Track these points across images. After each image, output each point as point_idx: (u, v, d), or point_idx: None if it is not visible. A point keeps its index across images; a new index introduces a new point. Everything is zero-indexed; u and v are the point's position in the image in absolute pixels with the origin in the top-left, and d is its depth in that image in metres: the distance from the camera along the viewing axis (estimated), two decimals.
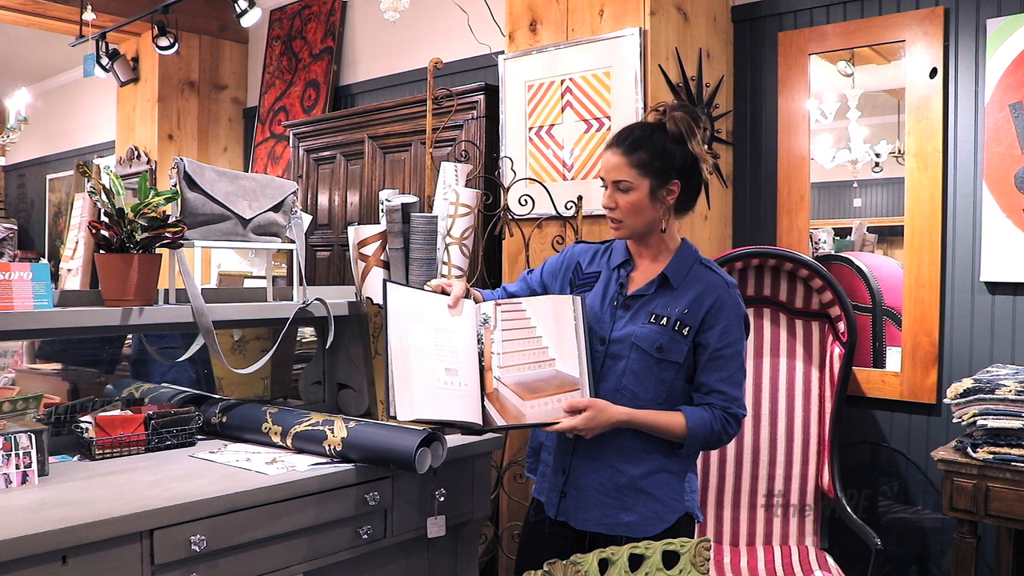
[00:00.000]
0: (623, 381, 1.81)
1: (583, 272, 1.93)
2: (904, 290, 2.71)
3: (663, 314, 1.80)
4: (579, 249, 1.99)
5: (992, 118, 2.54)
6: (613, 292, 1.87)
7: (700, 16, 2.89)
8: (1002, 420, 2.12)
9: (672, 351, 1.79)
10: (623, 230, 1.83)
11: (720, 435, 1.79)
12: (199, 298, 2.05)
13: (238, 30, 5.18)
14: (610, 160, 1.81)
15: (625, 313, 1.84)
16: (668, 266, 1.84)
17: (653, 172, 1.78)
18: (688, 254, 1.87)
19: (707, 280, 1.83)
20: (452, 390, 1.78)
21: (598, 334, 1.84)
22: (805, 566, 2.44)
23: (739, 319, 1.83)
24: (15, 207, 7.99)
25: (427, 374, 1.77)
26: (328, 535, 1.88)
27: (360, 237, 2.42)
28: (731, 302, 1.81)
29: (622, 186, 1.79)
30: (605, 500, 1.80)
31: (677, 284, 1.83)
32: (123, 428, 1.98)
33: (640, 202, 1.79)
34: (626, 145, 1.79)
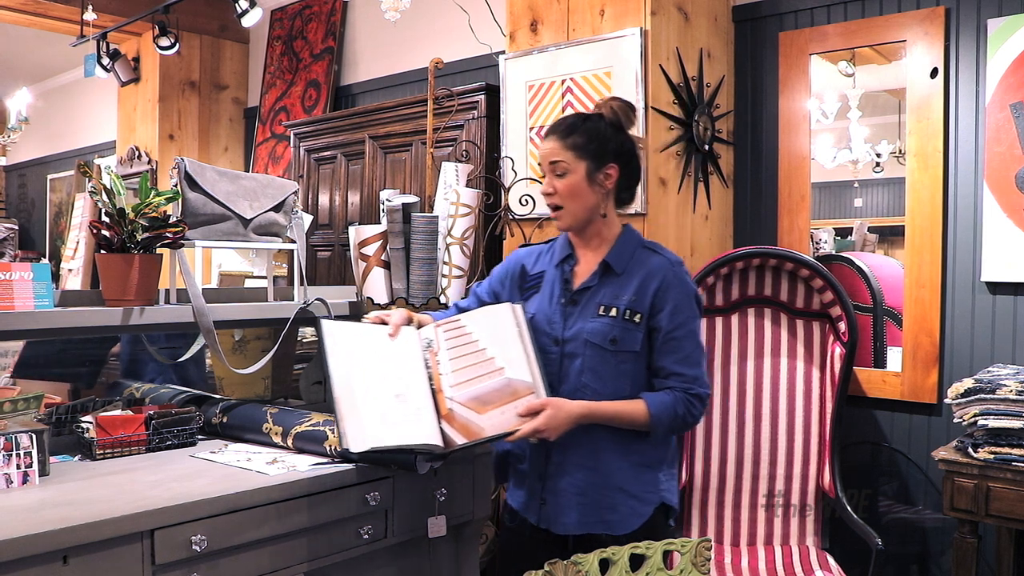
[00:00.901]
0: (582, 379, 1.79)
1: (529, 275, 1.93)
2: (905, 290, 2.71)
3: (612, 304, 1.79)
4: (522, 253, 1.99)
5: (993, 118, 2.54)
6: (559, 290, 1.86)
7: (701, 16, 2.89)
8: (1003, 420, 2.12)
9: (626, 341, 1.77)
10: (564, 218, 1.82)
11: (685, 417, 1.77)
12: (200, 298, 2.05)
13: (239, 30, 5.18)
14: (545, 146, 1.81)
15: (574, 309, 1.82)
16: (609, 253, 1.83)
17: (589, 154, 1.79)
18: (629, 239, 1.86)
19: (650, 263, 1.82)
20: (405, 416, 1.75)
21: (551, 335, 1.83)
22: (806, 566, 2.44)
23: (688, 297, 1.80)
24: (16, 207, 7.99)
25: (375, 403, 1.75)
26: (329, 535, 1.88)
27: (361, 237, 2.43)
28: (677, 281, 1.80)
29: (558, 169, 1.79)
30: (584, 502, 1.80)
31: (621, 270, 1.81)
32: (124, 428, 1.99)
33: (578, 185, 1.79)
34: (560, 131, 1.81)
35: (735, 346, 2.72)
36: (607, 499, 1.80)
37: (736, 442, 2.66)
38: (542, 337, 1.84)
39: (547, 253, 1.94)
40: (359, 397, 1.75)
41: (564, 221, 1.83)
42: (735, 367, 2.70)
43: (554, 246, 1.94)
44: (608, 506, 1.80)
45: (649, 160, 2.67)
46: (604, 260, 1.83)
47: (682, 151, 2.82)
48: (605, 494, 1.80)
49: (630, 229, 1.90)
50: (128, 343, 2.63)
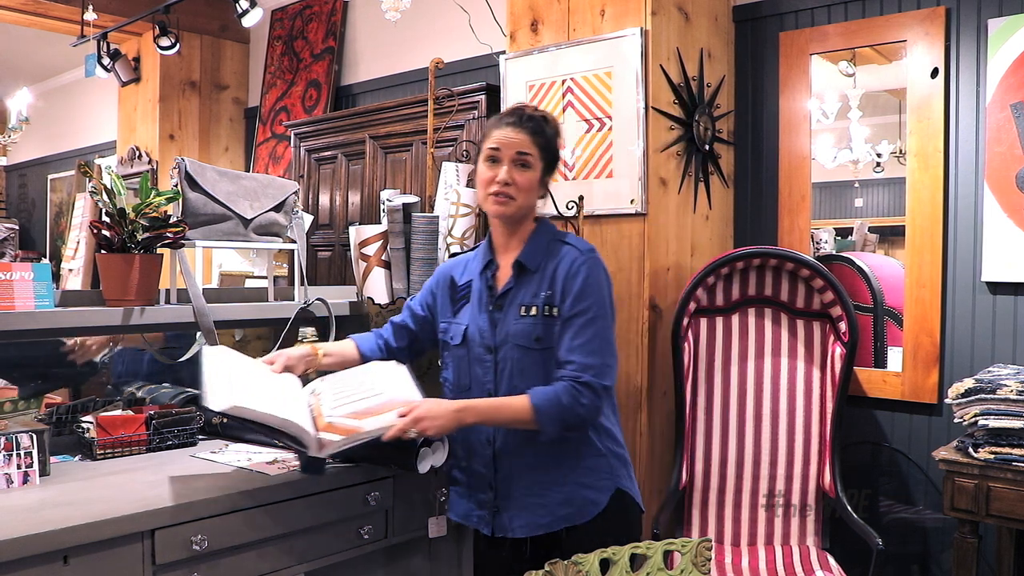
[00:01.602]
0: (513, 382, 1.79)
1: (458, 285, 1.93)
2: (905, 290, 2.71)
3: (531, 303, 1.79)
4: (450, 264, 2.00)
5: (993, 118, 2.54)
6: (485, 297, 1.86)
7: (701, 16, 2.89)
8: (1003, 420, 2.11)
9: (549, 337, 1.77)
10: (511, 207, 1.81)
11: (573, 407, 1.71)
12: (200, 298, 2.05)
13: (239, 30, 5.18)
14: (513, 136, 1.80)
15: (500, 314, 1.83)
16: (522, 252, 1.84)
17: (546, 158, 1.83)
18: (542, 234, 1.86)
19: (560, 253, 1.82)
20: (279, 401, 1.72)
21: (483, 343, 1.83)
22: (806, 566, 2.44)
23: (594, 284, 1.77)
24: (16, 207, 7.99)
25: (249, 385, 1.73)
26: (329, 535, 1.88)
27: (361, 237, 2.43)
28: (584, 268, 1.78)
29: (524, 160, 1.80)
30: (538, 501, 1.81)
31: (535, 267, 1.82)
32: (124, 428, 1.99)
33: (535, 181, 1.82)
34: (528, 126, 1.82)
35: (735, 346, 2.72)
36: (559, 494, 1.80)
37: (736, 442, 2.66)
38: (476, 348, 1.84)
39: (473, 261, 1.94)
40: (235, 378, 1.73)
41: (510, 208, 1.82)
42: (735, 367, 2.70)
43: (478, 254, 1.94)
44: (563, 501, 1.80)
45: (649, 160, 2.67)
46: (517, 260, 1.83)
47: (682, 151, 2.82)
48: (557, 489, 1.80)
49: (544, 224, 1.89)
50: None
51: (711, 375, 2.71)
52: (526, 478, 1.81)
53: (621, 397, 2.73)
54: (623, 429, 2.64)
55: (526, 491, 1.81)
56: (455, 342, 1.88)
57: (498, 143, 1.81)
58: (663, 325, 2.73)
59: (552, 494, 1.80)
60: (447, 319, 1.93)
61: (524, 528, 1.82)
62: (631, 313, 2.69)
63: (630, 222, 2.70)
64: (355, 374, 1.91)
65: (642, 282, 2.68)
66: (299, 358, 1.90)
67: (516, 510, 1.82)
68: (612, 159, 2.72)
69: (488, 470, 1.84)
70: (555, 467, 1.80)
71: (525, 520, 1.81)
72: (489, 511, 1.85)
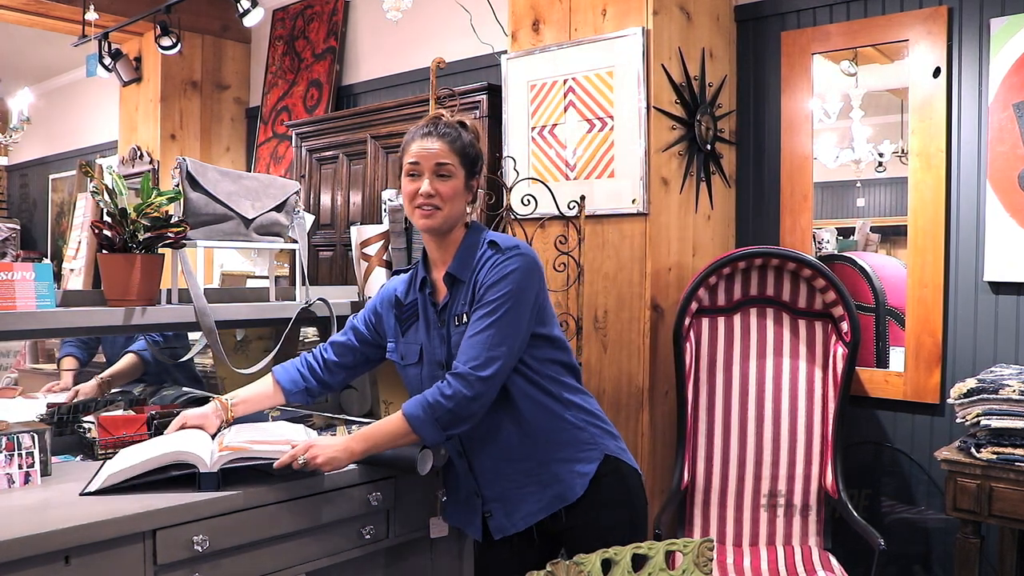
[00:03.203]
0: None
1: (404, 304, 1.91)
2: (907, 290, 2.71)
3: (462, 312, 1.79)
4: (395, 282, 1.97)
5: (996, 118, 2.53)
6: (432, 315, 1.85)
7: (703, 16, 2.89)
8: (1006, 420, 2.11)
9: None
10: (437, 218, 1.78)
11: (439, 401, 1.68)
12: (202, 298, 2.05)
13: (241, 30, 5.18)
14: (431, 147, 1.79)
15: (443, 329, 1.82)
16: (450, 264, 1.82)
17: (468, 163, 1.82)
18: (472, 240, 1.83)
19: (484, 257, 1.78)
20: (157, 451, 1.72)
21: (435, 361, 1.83)
22: (808, 566, 2.43)
23: (503, 279, 1.72)
24: (18, 207, 7.99)
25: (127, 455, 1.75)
26: (330, 535, 1.88)
27: (362, 237, 2.42)
28: (498, 266, 1.73)
29: (444, 170, 1.78)
30: (527, 490, 1.80)
31: (465, 277, 1.79)
32: (125, 428, 1.98)
33: (458, 189, 1.80)
34: (445, 135, 1.80)
35: (737, 346, 2.71)
36: (547, 475, 1.79)
37: (738, 442, 2.66)
38: (428, 365, 1.84)
39: (414, 279, 1.92)
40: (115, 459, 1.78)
41: (436, 221, 1.79)
42: (737, 367, 2.70)
43: (414, 270, 1.92)
44: (551, 481, 1.79)
45: (651, 160, 2.67)
46: (447, 272, 1.82)
47: (684, 151, 2.82)
48: (544, 473, 1.79)
49: (474, 229, 1.85)
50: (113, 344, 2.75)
51: (713, 375, 2.70)
52: (507, 471, 1.80)
53: (622, 397, 2.73)
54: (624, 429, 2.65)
55: (512, 484, 1.81)
56: (409, 361, 1.88)
57: (416, 156, 1.80)
58: (665, 325, 2.73)
59: (538, 478, 1.80)
60: (395, 338, 1.92)
61: (522, 520, 1.81)
62: (632, 313, 2.69)
63: (632, 222, 2.70)
64: (261, 425, 1.97)
65: (644, 282, 2.67)
66: (207, 416, 1.88)
67: (511, 506, 1.81)
68: (614, 159, 2.72)
69: (469, 478, 1.85)
70: (532, 452, 1.79)
71: (521, 513, 1.81)
72: (480, 516, 1.86)
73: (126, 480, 1.65)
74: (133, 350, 2.67)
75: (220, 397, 1.93)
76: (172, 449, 1.70)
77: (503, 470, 1.81)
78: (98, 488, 1.63)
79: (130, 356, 2.66)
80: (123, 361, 2.67)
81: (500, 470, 1.81)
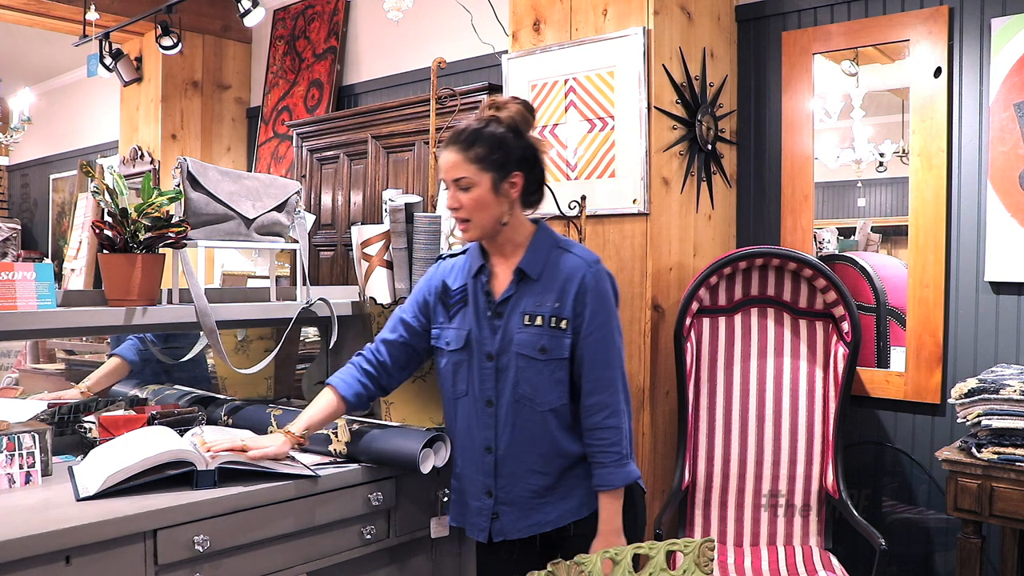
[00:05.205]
0: (519, 390, 1.78)
1: (451, 290, 1.89)
2: (908, 290, 2.70)
3: (536, 312, 1.77)
4: (443, 267, 1.95)
5: (996, 117, 2.53)
6: (483, 303, 1.83)
7: (704, 15, 2.89)
8: (1007, 420, 2.11)
9: (555, 349, 1.76)
10: (472, 230, 1.79)
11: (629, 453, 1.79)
12: (202, 298, 2.05)
13: (242, 30, 5.18)
14: (448, 159, 1.77)
15: (499, 321, 1.80)
16: (523, 259, 1.81)
17: (493, 166, 1.76)
18: (543, 241, 1.83)
19: (568, 265, 1.79)
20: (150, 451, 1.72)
21: (483, 350, 1.81)
22: (809, 566, 2.43)
23: (606, 298, 1.78)
24: (19, 207, 8.00)
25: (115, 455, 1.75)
26: (331, 535, 1.88)
27: (363, 237, 2.42)
28: (595, 282, 1.77)
29: (463, 183, 1.76)
30: (541, 501, 1.80)
31: (536, 275, 1.79)
32: (126, 428, 1.98)
33: (484, 198, 1.76)
34: (461, 142, 1.77)
35: (738, 346, 2.71)
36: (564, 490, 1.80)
37: (739, 442, 2.65)
38: (476, 354, 1.82)
39: (464, 265, 1.90)
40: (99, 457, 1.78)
41: (472, 233, 1.80)
42: (738, 367, 2.70)
43: (469, 257, 1.90)
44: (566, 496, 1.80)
45: (652, 160, 2.67)
46: (518, 267, 1.80)
47: (685, 151, 2.81)
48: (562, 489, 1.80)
49: (544, 229, 1.86)
50: None
51: (714, 375, 2.70)
52: (529, 481, 1.80)
53: None
54: None
55: (530, 494, 1.80)
56: (453, 347, 1.85)
57: (441, 170, 1.80)
58: (665, 325, 2.73)
59: (556, 492, 1.80)
60: (440, 324, 1.90)
61: (529, 528, 1.81)
62: (633, 313, 2.69)
63: (632, 222, 2.70)
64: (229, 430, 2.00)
65: (644, 282, 2.67)
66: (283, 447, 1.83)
67: (518, 513, 1.81)
68: (615, 159, 2.72)
69: (488, 477, 1.83)
70: (559, 467, 1.80)
71: (531, 521, 1.80)
72: (486, 517, 1.84)
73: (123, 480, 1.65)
74: (117, 353, 2.59)
75: (288, 429, 1.85)
76: (169, 448, 1.70)
77: (526, 478, 1.81)
78: (96, 492, 1.63)
79: (113, 359, 2.57)
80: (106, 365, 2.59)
81: (523, 478, 1.81)
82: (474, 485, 1.85)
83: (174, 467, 1.69)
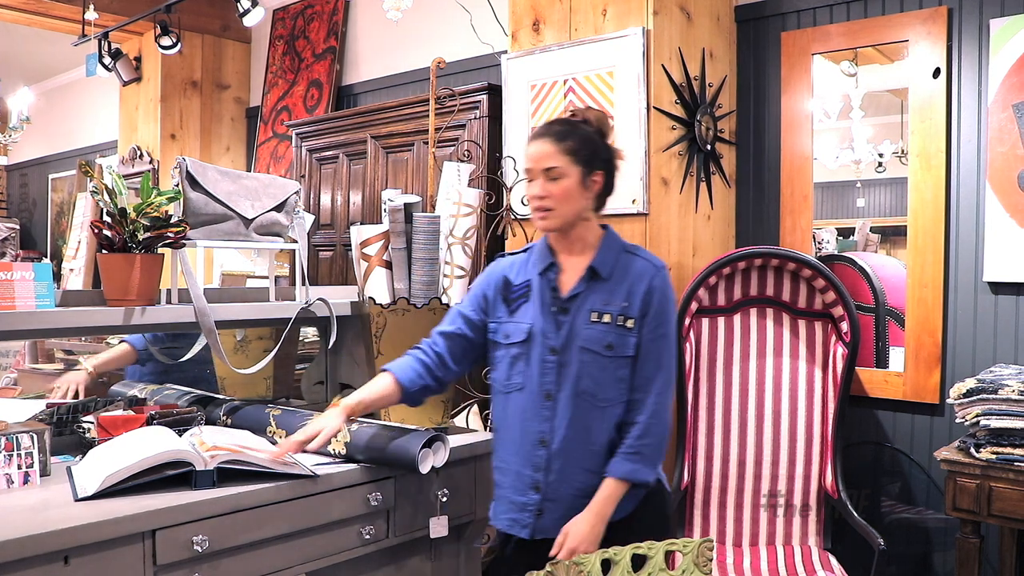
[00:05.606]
0: (581, 385, 1.80)
1: (514, 285, 1.91)
2: (907, 290, 2.71)
3: (604, 310, 1.81)
4: (503, 263, 1.98)
5: (995, 118, 2.53)
6: (548, 298, 1.86)
7: (703, 16, 2.89)
8: (1005, 420, 2.11)
9: (621, 346, 1.80)
10: (553, 219, 1.82)
11: None
12: (201, 298, 2.05)
13: (241, 29, 5.18)
14: (540, 149, 1.81)
15: (565, 317, 1.83)
16: (595, 258, 1.85)
17: (582, 160, 1.81)
18: (612, 243, 1.88)
19: (637, 268, 1.84)
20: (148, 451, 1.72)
21: (547, 344, 1.83)
22: (808, 566, 2.43)
23: (670, 303, 1.85)
24: (17, 207, 7.99)
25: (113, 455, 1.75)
26: (330, 535, 1.88)
27: (363, 237, 2.42)
28: (661, 286, 1.84)
29: (554, 173, 1.80)
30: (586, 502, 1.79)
31: (607, 275, 1.83)
32: (125, 428, 1.98)
33: (571, 190, 1.80)
34: (554, 134, 1.82)
35: (737, 346, 2.71)
36: None
37: (738, 442, 2.66)
38: (538, 347, 1.83)
39: (526, 262, 1.93)
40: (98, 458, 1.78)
41: (551, 223, 1.82)
42: (737, 367, 2.70)
43: (531, 255, 1.93)
44: None
45: (651, 160, 2.67)
46: (591, 266, 1.84)
47: (684, 151, 2.82)
48: None
49: (611, 231, 1.91)
50: None
51: (713, 375, 2.70)
52: (578, 480, 1.81)
53: None
54: None
55: (576, 492, 1.80)
56: (512, 340, 1.87)
57: (528, 160, 1.84)
58: None
59: None
60: (499, 319, 1.92)
61: None
62: None
63: (632, 222, 2.70)
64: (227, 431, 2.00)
65: None
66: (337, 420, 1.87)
67: (563, 512, 1.80)
68: None
69: (537, 471, 1.83)
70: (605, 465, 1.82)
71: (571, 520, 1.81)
72: (531, 513, 1.83)
73: (122, 480, 1.65)
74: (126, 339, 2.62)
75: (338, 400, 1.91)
76: (167, 448, 1.70)
77: (576, 476, 1.81)
78: (95, 492, 1.63)
79: (123, 345, 2.61)
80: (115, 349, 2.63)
81: (573, 475, 1.81)
82: (520, 480, 1.85)
83: (173, 467, 1.69)
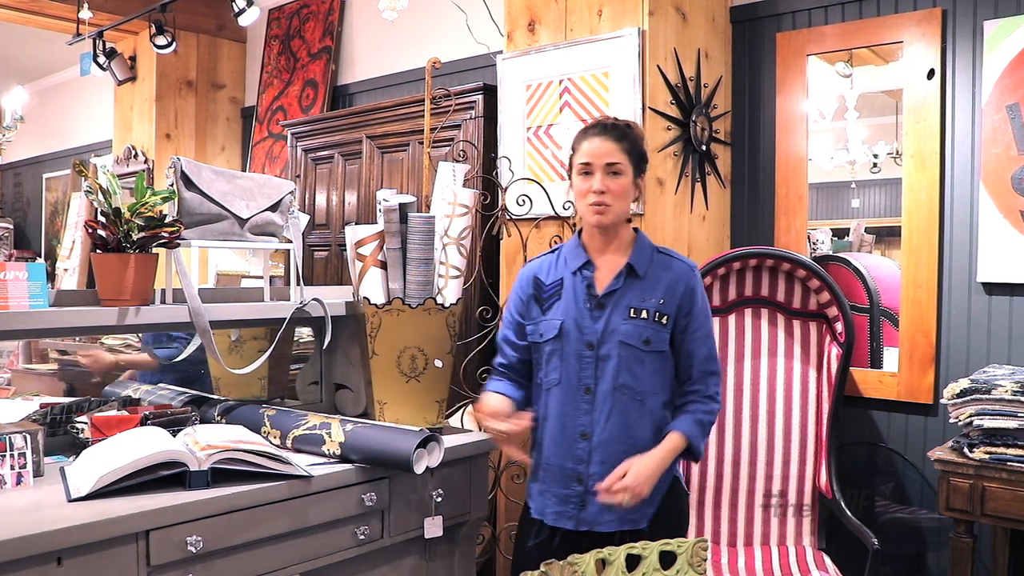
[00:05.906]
0: (619, 379, 1.85)
1: (545, 285, 1.97)
2: (901, 291, 2.71)
3: (640, 307, 1.87)
4: (532, 267, 2.03)
5: (989, 119, 2.54)
6: (583, 294, 1.90)
7: (699, 16, 2.89)
8: (998, 420, 2.12)
9: (657, 341, 1.87)
10: (609, 215, 1.88)
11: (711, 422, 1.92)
12: (196, 298, 2.04)
13: (236, 29, 5.17)
14: (602, 146, 1.87)
15: (601, 312, 1.88)
16: (631, 256, 1.91)
17: (635, 161, 1.89)
18: (645, 243, 1.96)
19: (673, 268, 1.92)
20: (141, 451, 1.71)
21: (584, 339, 1.88)
22: (802, 566, 2.44)
23: (705, 301, 1.95)
24: (11, 206, 7.97)
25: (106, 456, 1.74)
26: (325, 536, 1.88)
27: (358, 237, 2.42)
28: (698, 285, 1.93)
29: (616, 169, 1.86)
30: None
31: (643, 273, 1.90)
32: (119, 428, 1.98)
33: (628, 187, 1.89)
34: (615, 133, 1.88)
35: (732, 346, 2.72)
36: None
37: (733, 442, 2.66)
38: (574, 343, 1.88)
39: (557, 262, 1.98)
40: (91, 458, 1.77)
41: (608, 218, 1.88)
42: (732, 367, 2.70)
43: (562, 255, 1.98)
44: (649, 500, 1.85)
45: None
46: (629, 263, 1.90)
47: (679, 151, 2.82)
48: None
49: (642, 233, 1.98)
50: None
51: None
52: None
53: None
54: None
55: None
56: (547, 337, 1.92)
57: (588, 155, 1.88)
58: None
59: None
60: (534, 319, 1.96)
61: (615, 522, 1.86)
62: None
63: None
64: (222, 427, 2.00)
65: None
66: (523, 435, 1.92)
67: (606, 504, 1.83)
68: None
69: (580, 464, 1.87)
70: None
71: (614, 514, 1.85)
72: (574, 505, 1.88)
73: (115, 481, 1.65)
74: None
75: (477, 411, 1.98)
76: (161, 448, 1.70)
77: None
78: (88, 492, 1.62)
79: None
80: None
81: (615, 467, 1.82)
82: (563, 473, 1.89)
83: (166, 467, 1.69)
